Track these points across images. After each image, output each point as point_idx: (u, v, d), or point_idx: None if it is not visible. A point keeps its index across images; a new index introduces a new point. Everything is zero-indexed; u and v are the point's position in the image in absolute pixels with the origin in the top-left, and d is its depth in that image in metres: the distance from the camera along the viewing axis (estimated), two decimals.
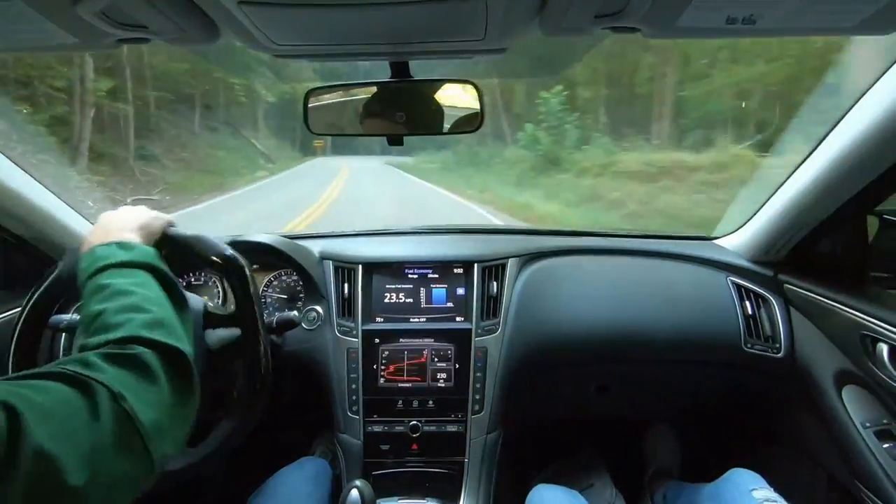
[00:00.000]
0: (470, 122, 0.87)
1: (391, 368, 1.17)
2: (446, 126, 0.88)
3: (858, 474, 1.02)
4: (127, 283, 0.62)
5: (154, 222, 0.79)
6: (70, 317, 0.92)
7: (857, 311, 1.00)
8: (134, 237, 0.72)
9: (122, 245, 0.68)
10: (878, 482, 0.97)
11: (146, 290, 0.62)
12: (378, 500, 0.91)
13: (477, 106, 0.86)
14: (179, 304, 0.66)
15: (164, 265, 0.69)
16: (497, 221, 7.27)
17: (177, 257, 0.79)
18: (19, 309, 0.87)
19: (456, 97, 0.86)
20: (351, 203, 9.79)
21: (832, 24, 0.58)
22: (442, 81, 0.86)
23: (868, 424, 1.00)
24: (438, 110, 0.86)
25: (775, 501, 0.89)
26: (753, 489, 0.91)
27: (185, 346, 0.57)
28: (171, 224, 0.83)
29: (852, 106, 0.90)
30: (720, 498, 0.97)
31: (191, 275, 1.27)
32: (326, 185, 12.47)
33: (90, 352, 0.51)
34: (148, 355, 0.52)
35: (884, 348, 0.94)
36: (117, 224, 0.74)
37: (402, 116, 0.86)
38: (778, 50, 7.41)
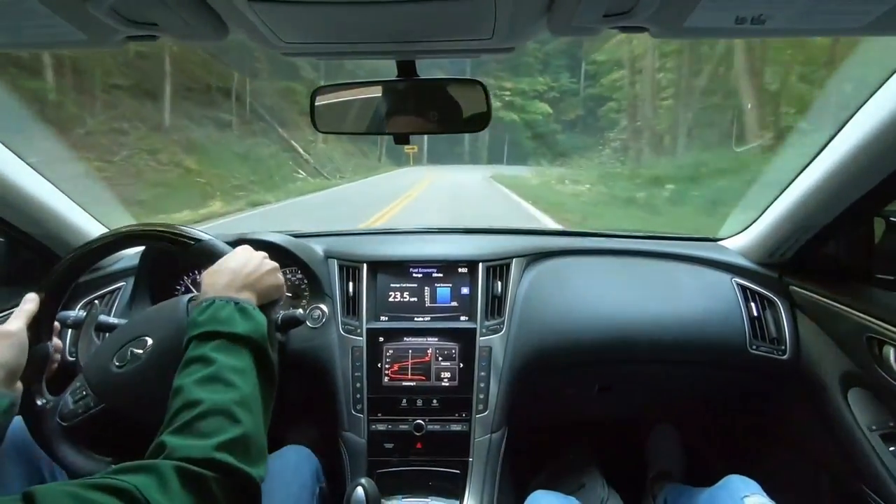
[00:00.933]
0: (476, 122, 0.87)
1: (395, 367, 1.17)
2: (453, 125, 0.88)
3: (864, 477, 1.01)
4: (231, 366, 0.63)
5: (268, 280, 0.77)
6: (76, 313, 0.92)
7: (863, 313, 1.00)
8: (254, 298, 0.72)
9: (242, 309, 0.68)
10: (883, 485, 0.96)
11: (246, 382, 0.63)
12: (382, 499, 0.91)
13: (483, 105, 0.86)
14: (271, 385, 0.68)
15: (267, 341, 0.69)
16: None
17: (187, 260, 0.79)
18: None
19: (462, 96, 0.86)
20: None
21: (842, 25, 0.58)
22: (449, 80, 0.86)
23: (874, 427, 1.00)
24: (445, 109, 0.86)
25: None
26: (746, 496, 0.91)
27: (260, 471, 0.58)
28: (282, 295, 0.81)
29: (859, 107, 0.90)
30: None
31: (195, 272, 1.28)
32: None
33: (169, 463, 0.52)
34: (219, 485, 0.53)
35: (891, 351, 0.94)
36: (244, 273, 0.74)
37: (409, 115, 0.86)
38: None
